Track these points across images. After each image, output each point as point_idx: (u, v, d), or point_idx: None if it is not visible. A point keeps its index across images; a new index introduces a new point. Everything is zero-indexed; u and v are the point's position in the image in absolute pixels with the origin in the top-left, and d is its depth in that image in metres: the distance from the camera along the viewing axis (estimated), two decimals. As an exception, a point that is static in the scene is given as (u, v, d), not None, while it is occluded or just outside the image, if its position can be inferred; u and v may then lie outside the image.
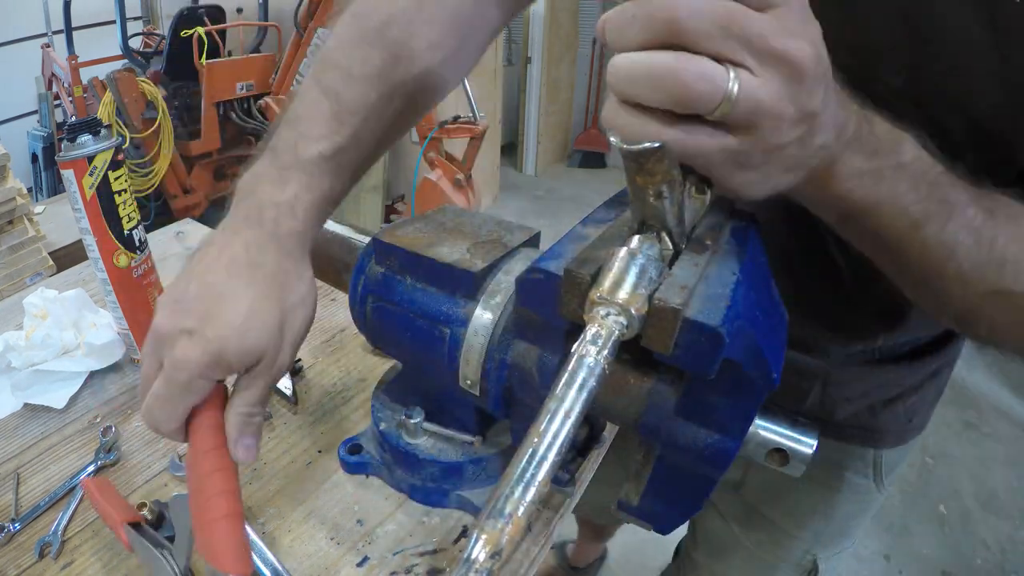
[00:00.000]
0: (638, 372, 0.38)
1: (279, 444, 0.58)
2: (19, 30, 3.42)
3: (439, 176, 2.59)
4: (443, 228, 0.49)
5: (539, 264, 0.35)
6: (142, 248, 0.64)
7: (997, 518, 1.79)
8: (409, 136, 3.22)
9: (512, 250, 0.46)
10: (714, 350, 0.29)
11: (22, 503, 0.52)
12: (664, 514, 0.38)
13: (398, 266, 0.47)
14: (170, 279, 0.84)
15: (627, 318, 0.28)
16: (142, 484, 0.53)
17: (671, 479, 0.37)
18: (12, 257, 1.53)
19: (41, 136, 3.36)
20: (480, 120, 2.57)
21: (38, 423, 0.60)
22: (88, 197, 0.58)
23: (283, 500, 0.52)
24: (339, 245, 0.55)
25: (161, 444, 0.57)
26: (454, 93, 2.74)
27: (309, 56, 2.87)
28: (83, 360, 0.64)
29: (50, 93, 3.35)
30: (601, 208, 0.43)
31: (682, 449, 0.34)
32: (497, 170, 3.92)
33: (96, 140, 0.57)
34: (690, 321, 0.28)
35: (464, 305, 0.44)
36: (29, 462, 0.56)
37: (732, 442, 0.33)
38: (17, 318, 0.72)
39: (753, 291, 0.33)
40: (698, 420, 0.34)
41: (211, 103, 3.06)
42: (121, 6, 2.83)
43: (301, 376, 0.67)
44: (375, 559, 0.47)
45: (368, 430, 0.57)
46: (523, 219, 2.64)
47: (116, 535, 0.45)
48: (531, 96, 4.16)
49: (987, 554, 1.68)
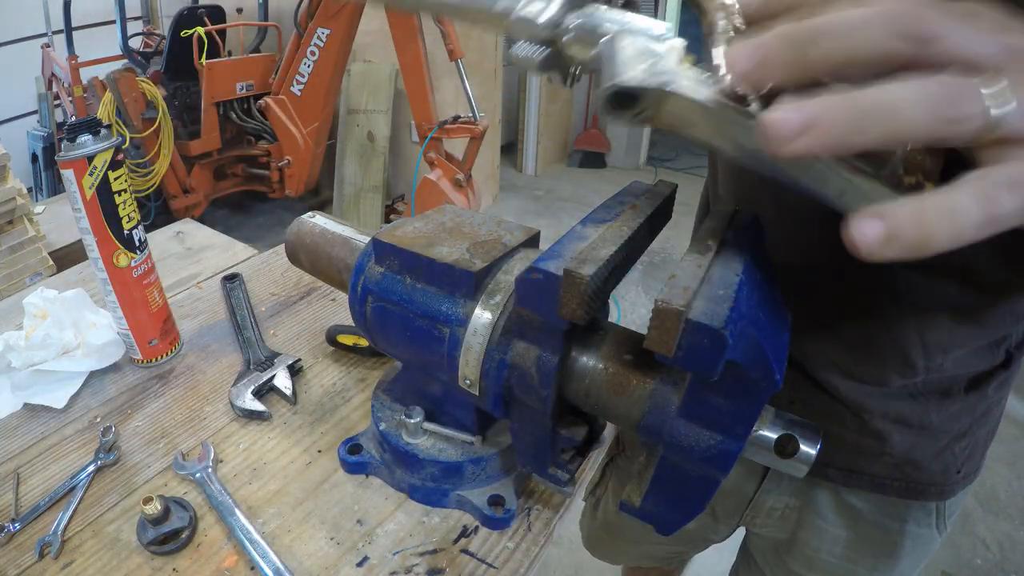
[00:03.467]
0: (640, 373, 0.38)
1: (279, 444, 0.58)
2: (19, 30, 3.43)
3: (439, 176, 2.59)
4: (443, 228, 0.49)
5: (539, 264, 0.35)
6: (142, 248, 0.64)
7: (997, 518, 1.78)
8: (409, 136, 3.23)
9: (512, 250, 0.46)
10: (717, 352, 0.28)
11: (22, 503, 0.52)
12: (666, 515, 0.38)
13: (398, 266, 0.47)
14: (170, 279, 0.85)
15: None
16: (142, 484, 0.53)
17: (673, 480, 0.36)
18: (12, 257, 1.53)
19: (41, 136, 3.37)
20: (480, 120, 2.58)
21: (38, 423, 0.60)
22: (88, 197, 0.58)
23: (283, 500, 0.52)
24: (339, 245, 0.55)
25: (161, 444, 0.57)
26: (454, 93, 2.75)
27: (309, 56, 2.88)
28: (83, 360, 0.64)
29: (50, 93, 3.36)
30: (601, 208, 0.43)
31: (684, 450, 0.34)
32: (497, 170, 3.92)
33: (96, 140, 0.57)
34: (693, 323, 0.28)
35: (463, 305, 0.44)
36: (29, 462, 0.56)
37: (734, 443, 0.33)
38: (17, 318, 0.72)
39: (756, 292, 0.33)
40: (700, 421, 0.34)
41: (211, 103, 3.06)
42: (121, 6, 2.84)
43: (301, 376, 0.67)
44: (375, 559, 0.47)
45: (368, 430, 0.57)
46: (523, 219, 2.65)
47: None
48: (531, 96, 4.17)
49: (987, 554, 1.68)
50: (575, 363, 0.40)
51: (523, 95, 4.20)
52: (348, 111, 3.26)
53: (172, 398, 0.63)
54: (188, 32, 2.92)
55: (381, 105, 3.21)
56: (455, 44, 2.45)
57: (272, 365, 0.65)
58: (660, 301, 0.29)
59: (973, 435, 0.57)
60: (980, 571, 1.63)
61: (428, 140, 2.61)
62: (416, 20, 2.49)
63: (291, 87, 3.01)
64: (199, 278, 0.86)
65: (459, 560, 0.47)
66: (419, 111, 2.66)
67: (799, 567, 0.67)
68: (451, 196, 2.53)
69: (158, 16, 3.93)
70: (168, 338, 0.69)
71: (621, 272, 0.38)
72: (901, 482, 0.57)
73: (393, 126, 3.25)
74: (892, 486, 0.58)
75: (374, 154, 3.25)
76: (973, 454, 0.58)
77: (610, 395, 0.39)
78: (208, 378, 0.66)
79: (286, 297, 0.81)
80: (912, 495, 0.58)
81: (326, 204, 3.56)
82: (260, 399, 0.61)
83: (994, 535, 1.73)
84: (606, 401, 0.39)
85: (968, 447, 0.57)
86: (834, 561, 0.64)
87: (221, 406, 0.62)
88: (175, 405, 0.62)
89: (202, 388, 0.65)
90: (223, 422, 0.60)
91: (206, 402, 0.63)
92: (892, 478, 0.57)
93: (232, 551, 0.47)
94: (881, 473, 0.57)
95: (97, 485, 0.53)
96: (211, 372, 0.67)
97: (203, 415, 0.61)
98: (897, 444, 0.55)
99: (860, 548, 0.63)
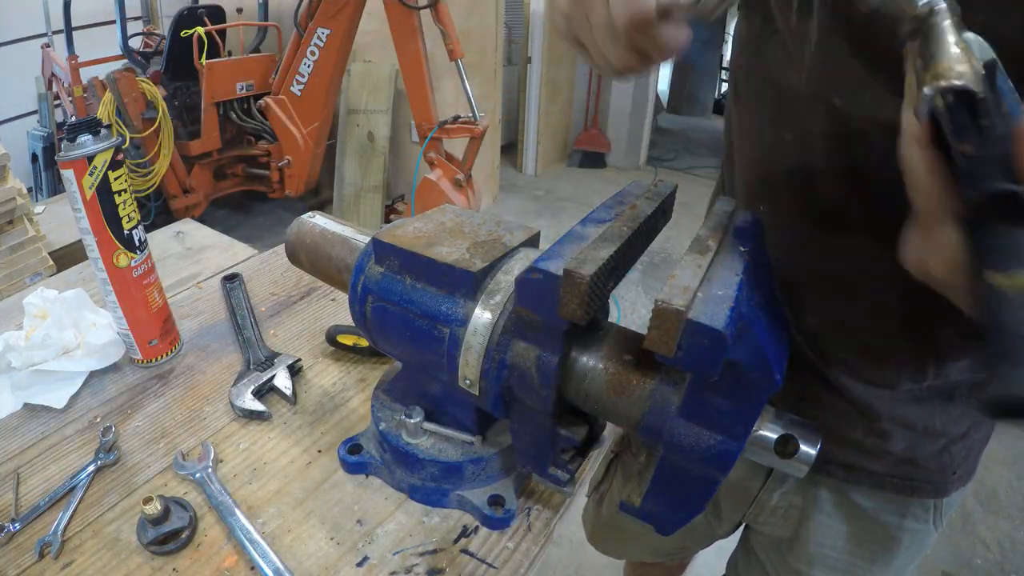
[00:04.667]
0: (640, 373, 0.38)
1: (279, 444, 0.58)
2: (19, 30, 3.43)
3: (439, 176, 2.59)
4: (443, 228, 0.49)
5: (539, 264, 0.35)
6: (142, 248, 0.64)
7: (997, 518, 1.78)
8: (409, 136, 3.23)
9: (512, 250, 0.46)
10: (717, 351, 0.28)
11: (22, 503, 0.52)
12: (666, 515, 0.38)
13: (398, 266, 0.47)
14: (170, 279, 0.85)
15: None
16: (142, 484, 0.53)
17: (673, 480, 0.36)
18: (12, 257, 1.53)
19: (41, 136, 3.36)
20: (480, 120, 2.57)
21: (38, 423, 0.60)
22: (88, 197, 0.58)
23: (283, 500, 0.52)
24: (339, 245, 0.55)
25: (161, 444, 0.57)
26: (454, 93, 2.74)
27: (309, 56, 2.88)
28: (83, 360, 0.64)
29: (50, 93, 3.36)
30: (601, 208, 0.43)
31: (684, 450, 0.34)
32: (497, 170, 3.93)
33: (96, 140, 0.57)
34: (693, 323, 0.28)
35: (463, 305, 0.44)
36: (29, 462, 0.56)
37: (734, 443, 0.33)
38: (17, 318, 0.72)
39: (756, 292, 0.33)
40: (700, 421, 0.34)
41: (211, 103, 3.06)
42: (121, 6, 2.84)
43: (301, 376, 0.67)
44: (375, 559, 0.47)
45: (368, 430, 0.57)
46: (523, 219, 2.65)
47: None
48: (531, 96, 4.16)
49: (987, 554, 1.68)
50: (575, 363, 0.40)
51: (523, 95, 4.20)
52: (348, 111, 3.26)
53: (172, 398, 0.63)
54: (188, 32, 2.92)
55: (381, 105, 3.21)
56: (455, 44, 2.45)
57: (272, 365, 0.65)
58: (660, 301, 0.29)
59: (970, 438, 0.58)
60: (980, 571, 1.63)
61: (428, 140, 2.60)
62: (416, 20, 2.49)
63: (291, 87, 3.01)
64: (199, 278, 0.86)
65: (459, 560, 0.47)
66: (419, 111, 2.66)
67: (800, 564, 0.68)
68: (451, 196, 2.53)
69: (158, 16, 3.93)
70: (168, 338, 0.69)
71: (621, 272, 0.38)
72: (900, 479, 0.58)
73: (393, 126, 3.25)
74: (891, 483, 0.59)
75: (374, 154, 3.25)
76: (969, 457, 0.59)
77: (610, 395, 0.39)
78: (208, 378, 0.66)
79: (286, 297, 0.81)
80: (909, 492, 0.59)
81: (326, 204, 3.56)
82: (260, 399, 0.61)
83: (994, 535, 1.73)
84: (606, 401, 0.39)
85: (965, 449, 0.58)
86: (835, 556, 0.65)
87: (221, 406, 0.62)
88: (175, 405, 0.62)
89: (202, 388, 0.65)
90: (223, 422, 0.60)
91: (206, 402, 0.63)
92: (891, 475, 0.58)
93: (232, 551, 0.47)
94: (881, 470, 0.58)
95: (97, 485, 0.53)
96: (211, 372, 0.67)
97: (203, 415, 0.61)
98: (899, 444, 0.56)
99: (860, 543, 0.64)
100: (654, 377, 0.37)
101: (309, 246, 0.58)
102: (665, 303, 0.29)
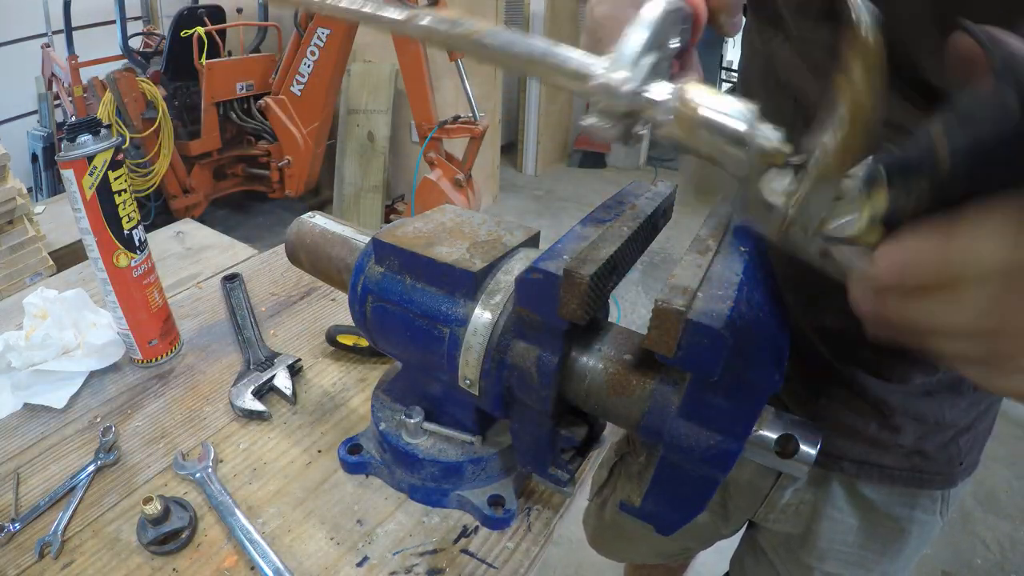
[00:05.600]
0: (640, 373, 0.38)
1: (279, 444, 0.58)
2: (19, 30, 3.43)
3: (439, 176, 2.59)
4: (443, 228, 0.49)
5: (538, 264, 0.35)
6: (142, 248, 0.64)
7: (997, 518, 1.78)
8: (409, 136, 3.23)
9: (512, 250, 0.46)
10: (717, 351, 0.28)
11: (22, 503, 0.52)
12: (666, 515, 0.38)
13: (398, 266, 0.47)
14: (170, 279, 0.85)
15: None
16: (142, 484, 0.53)
17: (673, 481, 0.36)
18: (12, 257, 1.53)
19: (41, 136, 3.36)
20: (480, 120, 2.58)
21: (38, 423, 0.60)
22: (88, 197, 0.58)
23: (283, 500, 0.52)
24: (339, 245, 0.55)
25: (161, 444, 0.57)
26: (454, 93, 2.74)
27: (309, 56, 2.88)
28: (83, 360, 0.64)
29: (50, 93, 3.36)
30: (601, 208, 0.43)
31: (684, 450, 0.34)
32: (497, 170, 3.93)
33: (96, 140, 0.57)
34: (693, 323, 0.28)
35: (463, 305, 0.44)
36: (29, 462, 0.56)
37: (734, 443, 0.33)
38: (17, 318, 0.72)
39: (756, 292, 0.33)
40: (700, 421, 0.34)
41: (211, 103, 3.06)
42: (121, 6, 2.84)
43: (301, 376, 0.67)
44: (375, 559, 0.47)
45: (368, 430, 0.57)
46: (523, 219, 2.65)
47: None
48: (531, 96, 4.16)
49: (987, 554, 1.68)
50: (575, 363, 0.40)
51: (523, 95, 4.20)
52: (348, 111, 3.26)
53: (172, 398, 0.63)
54: (188, 32, 2.92)
55: (381, 105, 3.21)
56: (455, 44, 2.45)
57: (272, 365, 0.65)
58: (660, 301, 0.29)
59: (975, 429, 0.59)
60: (980, 571, 1.63)
61: (428, 140, 2.61)
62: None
63: (291, 87, 3.01)
64: (199, 278, 0.86)
65: (459, 560, 0.47)
66: (419, 111, 2.66)
67: (812, 559, 0.69)
68: (451, 196, 2.53)
69: (158, 16, 3.93)
70: (168, 338, 0.69)
71: (621, 272, 0.38)
72: (910, 471, 0.60)
73: (393, 126, 3.24)
74: (902, 476, 0.60)
75: (374, 154, 3.25)
76: (974, 447, 0.61)
77: (610, 395, 0.39)
78: (208, 378, 0.66)
79: (286, 297, 0.81)
80: (919, 484, 0.60)
81: (326, 204, 3.56)
82: (260, 399, 0.61)
83: (994, 535, 1.73)
84: (606, 401, 0.39)
85: (971, 440, 0.60)
86: (846, 550, 0.66)
87: (221, 406, 0.62)
88: (175, 405, 0.62)
89: (202, 388, 0.65)
90: (223, 422, 0.60)
91: (206, 402, 0.63)
92: (902, 468, 0.60)
93: (232, 551, 0.47)
94: (892, 464, 0.59)
95: (97, 485, 0.53)
96: (211, 372, 0.67)
97: (203, 415, 0.61)
98: (909, 437, 0.58)
99: (871, 536, 0.65)
100: (654, 377, 0.37)
101: (309, 246, 0.58)
102: (665, 303, 0.29)
